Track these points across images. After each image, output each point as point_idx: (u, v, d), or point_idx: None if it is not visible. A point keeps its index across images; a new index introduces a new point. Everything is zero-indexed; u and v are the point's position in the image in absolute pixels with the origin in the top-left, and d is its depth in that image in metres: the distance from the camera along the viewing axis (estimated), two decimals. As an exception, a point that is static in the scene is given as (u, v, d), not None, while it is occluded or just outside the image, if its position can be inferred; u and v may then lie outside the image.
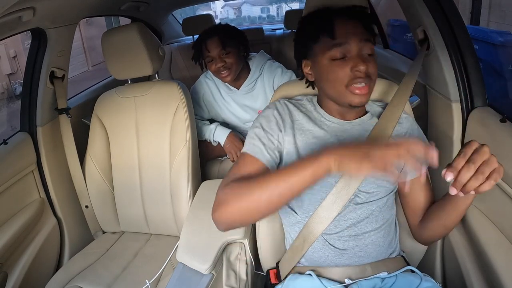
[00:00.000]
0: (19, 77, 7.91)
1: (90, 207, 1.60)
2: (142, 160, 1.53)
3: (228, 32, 1.65)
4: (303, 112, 1.01)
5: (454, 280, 1.18)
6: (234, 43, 1.63)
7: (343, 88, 0.90)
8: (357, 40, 0.88)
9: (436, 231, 0.97)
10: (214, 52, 1.61)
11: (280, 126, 0.97)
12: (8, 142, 1.43)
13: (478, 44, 3.35)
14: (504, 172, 0.96)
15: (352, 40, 0.88)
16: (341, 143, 0.74)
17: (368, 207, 0.96)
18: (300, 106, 1.04)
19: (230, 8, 18.38)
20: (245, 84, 1.74)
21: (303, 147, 0.95)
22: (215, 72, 1.67)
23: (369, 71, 0.88)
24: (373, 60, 0.90)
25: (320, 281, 0.94)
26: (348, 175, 0.88)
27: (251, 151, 0.93)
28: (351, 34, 0.88)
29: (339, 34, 0.89)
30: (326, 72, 0.92)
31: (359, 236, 0.96)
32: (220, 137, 1.74)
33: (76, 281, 1.31)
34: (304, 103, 1.05)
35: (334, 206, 0.91)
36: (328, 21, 0.90)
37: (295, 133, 0.97)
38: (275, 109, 1.01)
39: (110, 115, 1.55)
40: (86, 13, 1.68)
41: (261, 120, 0.99)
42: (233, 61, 1.63)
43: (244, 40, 1.70)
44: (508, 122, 1.01)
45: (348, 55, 0.89)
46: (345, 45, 0.88)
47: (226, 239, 1.12)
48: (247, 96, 1.77)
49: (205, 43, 1.62)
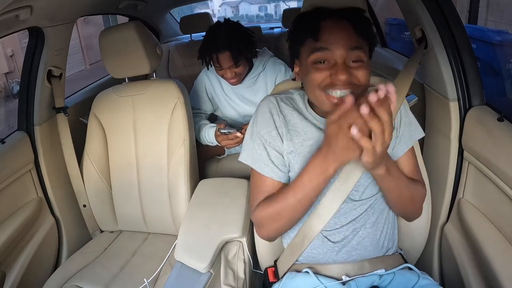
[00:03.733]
0: (16, 76, 7.87)
1: (88, 206, 1.60)
2: (140, 159, 1.52)
3: (239, 44, 1.56)
4: (295, 109, 1.00)
5: (451, 277, 1.18)
6: (245, 54, 1.60)
7: (319, 91, 0.87)
8: (340, 47, 0.84)
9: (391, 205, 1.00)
10: (225, 65, 1.59)
11: (281, 134, 0.97)
12: (6, 141, 1.43)
13: (476, 43, 3.35)
14: (501, 170, 0.97)
15: (335, 47, 0.84)
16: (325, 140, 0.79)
17: (366, 202, 0.96)
18: (292, 102, 1.02)
19: (228, 6, 18.36)
20: (247, 78, 1.74)
21: (301, 149, 0.96)
22: (223, 77, 1.68)
23: (352, 80, 0.84)
24: (361, 67, 0.85)
25: (318, 279, 0.94)
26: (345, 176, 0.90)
27: (264, 172, 0.96)
28: (336, 40, 0.85)
29: (323, 38, 0.86)
30: (307, 73, 0.89)
31: (357, 229, 0.96)
32: (211, 138, 1.73)
33: (74, 281, 1.31)
34: (296, 99, 1.03)
35: (333, 202, 0.91)
36: (314, 24, 0.87)
37: (291, 135, 0.97)
38: (269, 113, 0.99)
39: (107, 114, 1.55)
40: (84, 12, 1.68)
41: (262, 133, 0.98)
42: (242, 70, 1.64)
43: (254, 46, 1.66)
44: (505, 121, 1.01)
45: (331, 61, 0.85)
46: (327, 51, 0.85)
47: (224, 237, 1.12)
48: (248, 89, 1.78)
49: (216, 56, 1.57)
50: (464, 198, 1.17)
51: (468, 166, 1.15)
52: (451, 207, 1.23)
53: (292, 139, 0.96)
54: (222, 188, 1.34)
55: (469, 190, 1.16)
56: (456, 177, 1.20)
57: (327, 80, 0.85)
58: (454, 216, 1.20)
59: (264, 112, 1.00)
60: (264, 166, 0.96)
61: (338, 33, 0.85)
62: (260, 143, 0.98)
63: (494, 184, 1.01)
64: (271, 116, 0.99)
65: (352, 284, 0.93)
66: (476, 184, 1.12)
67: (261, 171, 0.97)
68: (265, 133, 0.97)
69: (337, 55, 0.84)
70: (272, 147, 0.97)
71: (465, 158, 1.16)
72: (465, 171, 1.17)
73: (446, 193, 1.22)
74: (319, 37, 0.86)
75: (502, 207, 0.99)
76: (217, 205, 1.25)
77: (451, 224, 1.21)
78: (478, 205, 1.11)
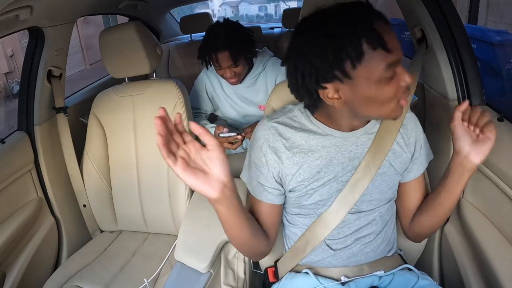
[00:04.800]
0: (16, 76, 7.88)
1: (88, 206, 1.60)
2: (140, 159, 1.52)
3: (238, 43, 1.55)
4: (298, 129, 0.91)
5: (451, 278, 1.18)
6: (244, 54, 1.60)
7: (394, 104, 0.78)
8: (399, 50, 0.74)
9: (424, 227, 0.99)
10: (224, 65, 1.59)
11: (275, 163, 0.90)
12: (6, 141, 1.43)
13: (476, 43, 3.35)
14: (501, 170, 0.97)
15: (399, 53, 0.74)
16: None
17: (371, 214, 0.95)
18: (293, 122, 0.92)
19: (228, 6, 18.37)
20: (247, 78, 1.74)
21: (308, 172, 0.89)
22: (222, 77, 1.68)
23: None
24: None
25: (317, 279, 0.94)
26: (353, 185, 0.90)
27: (254, 194, 0.95)
28: (398, 45, 0.74)
29: (392, 47, 0.72)
30: (375, 93, 0.75)
31: (360, 238, 0.95)
32: None
33: (74, 281, 1.31)
34: (297, 116, 0.93)
35: (339, 211, 0.91)
36: (368, 27, 0.71)
37: (297, 159, 0.89)
38: (266, 143, 0.90)
39: (107, 114, 1.55)
40: (84, 12, 1.68)
41: (255, 159, 0.93)
42: (242, 69, 1.63)
43: (253, 46, 1.66)
44: (505, 121, 1.02)
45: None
46: (399, 61, 0.75)
47: (224, 237, 1.12)
48: (249, 89, 1.78)
49: (216, 55, 1.57)
50: (464, 198, 1.17)
51: (468, 166, 1.15)
52: (451, 207, 1.23)
53: (298, 163, 0.90)
54: (222, 188, 1.33)
55: (469, 190, 1.16)
56: (456, 177, 1.20)
57: (400, 88, 0.77)
58: (454, 216, 1.20)
59: (258, 138, 0.93)
60: (254, 188, 0.95)
61: (395, 37, 0.74)
62: (252, 166, 0.96)
63: (494, 184, 1.01)
64: (264, 143, 0.91)
65: (351, 285, 0.93)
66: (476, 184, 1.12)
67: (252, 191, 0.96)
68: (255, 158, 0.93)
69: (400, 60, 0.76)
70: (260, 171, 0.92)
71: (465, 158, 1.16)
72: None
73: (446, 193, 1.22)
74: (389, 48, 0.71)
75: (502, 207, 0.99)
76: (217, 205, 1.25)
77: (451, 224, 1.21)
78: (478, 205, 1.10)
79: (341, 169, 0.90)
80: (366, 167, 0.89)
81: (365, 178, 0.88)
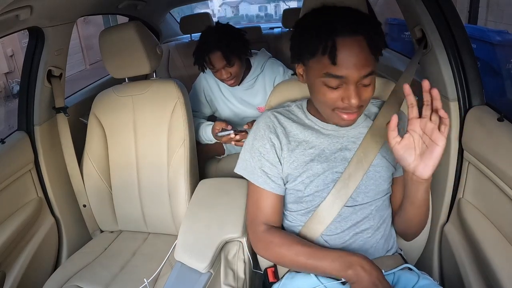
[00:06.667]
0: (16, 76, 7.88)
1: (88, 206, 1.60)
2: (140, 159, 1.52)
3: (230, 43, 1.57)
4: (295, 121, 1.00)
5: (451, 277, 1.18)
6: (237, 53, 1.60)
7: (329, 110, 0.89)
8: (356, 74, 0.80)
9: (402, 227, 1.01)
10: (218, 66, 1.59)
11: (278, 146, 0.96)
12: (6, 141, 1.43)
13: (476, 43, 3.35)
14: (501, 170, 0.97)
15: (351, 73, 0.80)
16: (369, 273, 0.81)
17: (367, 207, 0.96)
18: (291, 115, 1.02)
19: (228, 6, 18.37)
20: (245, 81, 1.74)
21: (302, 159, 0.95)
22: (220, 79, 1.68)
23: (361, 103, 0.84)
24: (369, 88, 0.85)
25: (317, 279, 0.94)
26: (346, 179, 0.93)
27: (257, 182, 0.98)
28: (352, 66, 0.80)
29: (340, 63, 0.80)
30: (316, 90, 0.88)
31: (358, 234, 0.96)
32: (209, 136, 1.73)
33: (74, 281, 1.31)
34: (294, 110, 1.03)
35: (334, 206, 0.93)
36: (330, 41, 0.79)
37: (292, 146, 0.96)
38: (268, 129, 0.98)
39: (107, 114, 1.55)
40: (84, 12, 1.68)
41: (257, 146, 0.98)
42: (237, 69, 1.63)
43: (246, 45, 1.66)
44: (505, 121, 1.01)
45: (343, 85, 0.83)
46: (343, 79, 0.82)
47: (224, 237, 1.12)
48: (247, 92, 1.77)
49: (208, 57, 1.58)
50: (464, 198, 1.17)
51: (468, 166, 1.15)
52: (451, 207, 1.23)
53: (294, 150, 0.96)
54: (222, 188, 1.34)
55: (469, 190, 1.16)
56: (456, 177, 1.20)
57: (338, 103, 0.85)
58: (454, 216, 1.21)
59: (260, 127, 1.00)
60: (258, 178, 0.97)
61: (354, 58, 0.80)
62: (255, 155, 0.98)
63: (494, 184, 1.01)
64: (267, 129, 0.98)
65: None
66: (476, 184, 1.12)
67: (255, 181, 0.98)
68: (260, 146, 0.97)
69: (351, 81, 0.82)
70: (266, 159, 0.97)
71: (465, 158, 1.16)
72: (465, 171, 1.17)
73: (446, 193, 1.22)
74: (337, 62, 0.80)
75: (502, 207, 0.99)
76: (217, 205, 1.25)
77: (451, 224, 1.21)
78: (478, 205, 1.10)
79: (333, 158, 0.95)
80: (358, 162, 0.93)
81: (357, 173, 0.92)
